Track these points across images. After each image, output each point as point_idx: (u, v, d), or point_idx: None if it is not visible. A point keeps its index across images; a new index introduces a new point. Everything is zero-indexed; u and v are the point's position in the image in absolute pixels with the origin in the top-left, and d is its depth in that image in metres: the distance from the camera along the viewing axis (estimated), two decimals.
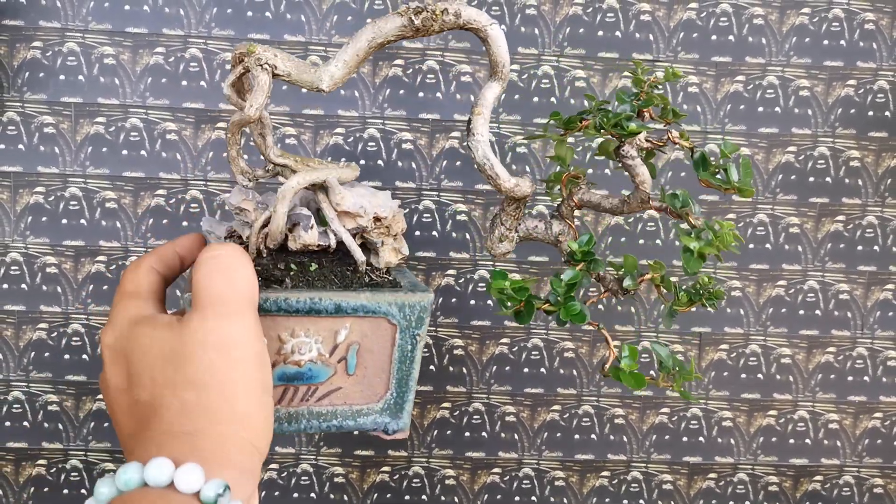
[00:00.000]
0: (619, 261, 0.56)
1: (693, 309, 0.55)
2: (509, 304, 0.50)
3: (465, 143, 0.48)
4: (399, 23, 0.47)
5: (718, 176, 0.50)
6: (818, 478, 0.83)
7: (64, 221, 0.78)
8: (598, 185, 0.80)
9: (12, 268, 0.77)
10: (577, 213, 0.79)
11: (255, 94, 0.46)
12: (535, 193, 0.80)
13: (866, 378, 0.83)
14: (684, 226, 0.51)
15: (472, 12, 0.47)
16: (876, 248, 0.82)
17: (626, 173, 0.52)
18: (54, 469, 0.79)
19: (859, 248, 0.82)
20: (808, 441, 0.83)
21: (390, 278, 0.51)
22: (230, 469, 0.40)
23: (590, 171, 0.79)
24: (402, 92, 0.79)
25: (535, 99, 0.79)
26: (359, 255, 0.50)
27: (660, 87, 0.54)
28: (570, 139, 0.56)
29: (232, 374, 0.41)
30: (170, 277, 0.49)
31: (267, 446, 0.43)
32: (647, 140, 0.51)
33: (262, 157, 0.52)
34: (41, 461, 0.79)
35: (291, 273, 0.49)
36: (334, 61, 0.48)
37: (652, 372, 0.53)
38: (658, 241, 0.81)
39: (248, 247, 0.50)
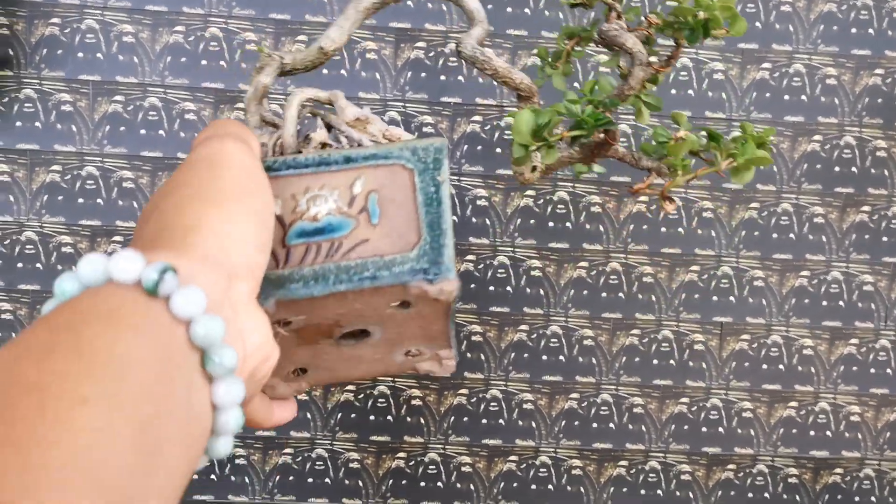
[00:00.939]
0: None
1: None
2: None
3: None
4: None
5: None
6: (838, 470, 0.83)
7: (80, 201, 0.77)
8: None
9: (27, 247, 0.77)
10: (597, 200, 0.79)
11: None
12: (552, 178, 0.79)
13: (889, 370, 0.82)
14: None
15: None
16: None
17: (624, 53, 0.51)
18: None
19: (884, 238, 0.81)
20: (828, 433, 0.82)
21: None
22: (194, 259, 0.32)
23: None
24: (423, 75, 0.78)
25: None
26: (367, 143, 0.48)
27: None
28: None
29: (216, 182, 0.36)
30: None
31: (253, 265, 0.36)
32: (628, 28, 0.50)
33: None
34: None
35: None
36: (334, 27, 0.48)
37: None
38: (680, 230, 0.80)
39: None
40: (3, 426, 0.24)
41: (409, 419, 0.80)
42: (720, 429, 0.82)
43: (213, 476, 0.79)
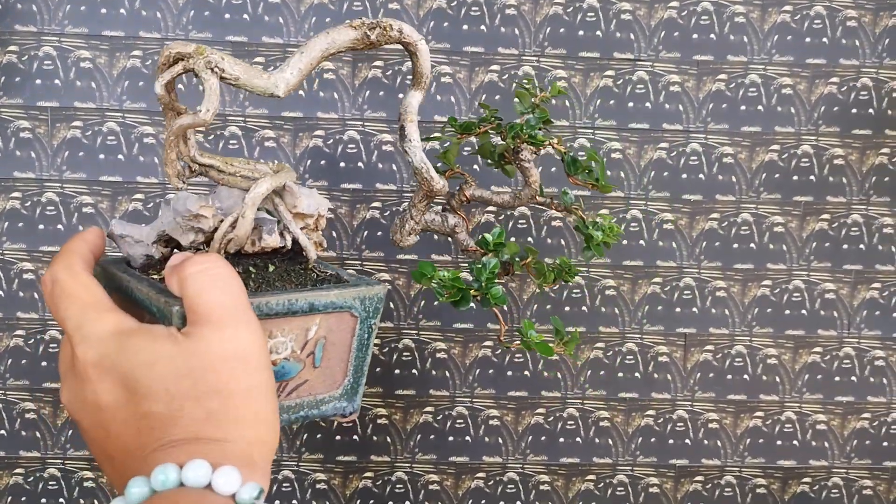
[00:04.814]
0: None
1: (554, 287, 0.73)
2: (445, 293, 0.56)
3: (401, 146, 0.54)
4: (353, 35, 0.50)
5: (587, 174, 0.60)
6: (806, 479, 0.82)
7: (41, 227, 0.77)
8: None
9: None
10: (557, 215, 0.79)
11: (210, 98, 0.46)
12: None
13: (853, 378, 0.82)
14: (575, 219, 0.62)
15: (408, 29, 0.52)
16: (861, 246, 0.81)
17: (520, 173, 0.61)
18: (32, 478, 0.78)
19: (844, 246, 0.81)
20: (795, 442, 0.82)
21: (329, 272, 0.53)
22: (257, 472, 0.41)
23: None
24: (381, 94, 0.78)
25: (516, 100, 0.78)
26: (312, 253, 0.52)
27: (551, 101, 0.64)
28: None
29: (252, 380, 0.42)
30: None
31: (277, 444, 0.45)
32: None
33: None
34: (19, 470, 0.78)
35: (252, 275, 0.50)
36: (289, 69, 0.49)
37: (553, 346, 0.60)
38: (641, 242, 0.80)
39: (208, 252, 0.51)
40: None
41: (375, 438, 0.80)
42: (687, 440, 0.82)
43: None
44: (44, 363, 0.77)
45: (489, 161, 0.64)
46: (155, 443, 0.41)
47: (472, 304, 0.56)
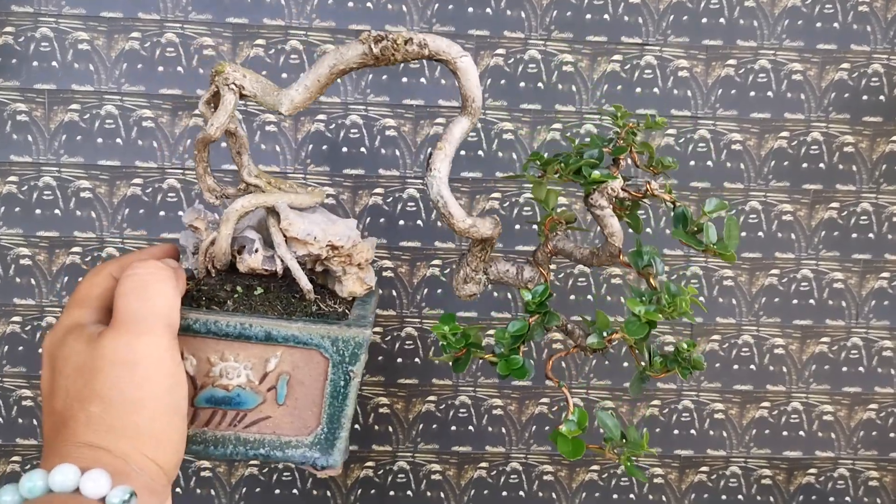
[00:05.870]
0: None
1: (663, 377, 0.51)
2: (448, 350, 0.48)
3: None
4: (360, 50, 0.47)
5: (694, 238, 0.47)
6: (812, 470, 0.82)
7: (38, 212, 0.75)
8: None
9: None
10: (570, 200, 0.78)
11: (218, 114, 0.47)
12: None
13: (861, 368, 0.81)
14: (642, 286, 0.48)
15: (442, 44, 0.47)
16: (871, 235, 0.80)
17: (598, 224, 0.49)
18: (29, 466, 0.77)
19: (854, 235, 0.80)
20: (801, 433, 0.81)
21: (340, 309, 0.49)
22: (133, 482, 0.40)
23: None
24: (384, 77, 0.77)
25: (522, 84, 0.77)
26: (304, 282, 0.49)
27: (639, 132, 0.51)
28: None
29: (137, 392, 0.41)
30: None
31: (174, 468, 0.43)
32: (623, 190, 0.48)
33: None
34: (15, 458, 0.77)
35: (235, 296, 0.49)
36: (296, 85, 0.48)
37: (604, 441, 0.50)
38: (648, 230, 0.79)
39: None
40: None
41: (377, 427, 0.79)
42: (692, 431, 0.81)
43: (178, 489, 0.78)
44: (41, 350, 0.76)
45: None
46: (52, 442, 0.42)
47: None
